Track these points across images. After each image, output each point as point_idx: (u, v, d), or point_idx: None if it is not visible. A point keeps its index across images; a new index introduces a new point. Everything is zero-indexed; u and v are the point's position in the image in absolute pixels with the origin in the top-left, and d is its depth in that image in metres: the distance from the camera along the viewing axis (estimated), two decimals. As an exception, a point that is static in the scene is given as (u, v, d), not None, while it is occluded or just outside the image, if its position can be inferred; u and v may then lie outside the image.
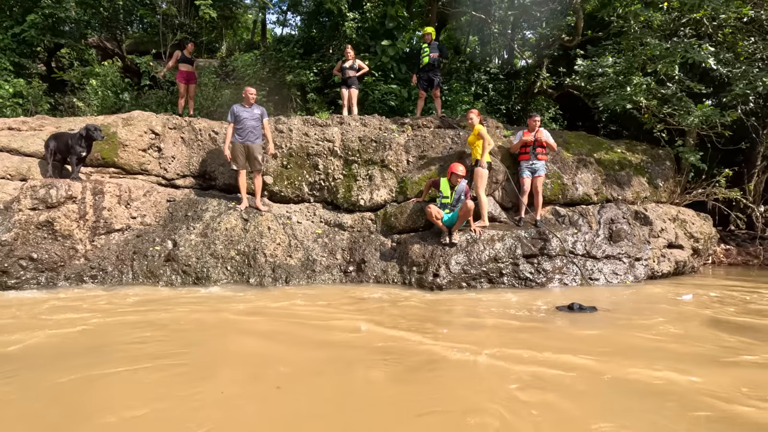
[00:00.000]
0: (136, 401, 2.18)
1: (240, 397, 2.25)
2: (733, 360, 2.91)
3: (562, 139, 7.66)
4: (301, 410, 2.12)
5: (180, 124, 6.87)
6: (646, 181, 7.40)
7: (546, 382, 2.46)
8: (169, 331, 3.43)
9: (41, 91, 8.96)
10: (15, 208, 5.26)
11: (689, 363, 2.79)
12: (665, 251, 6.65)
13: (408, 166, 6.71)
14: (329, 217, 6.44)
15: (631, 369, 2.67)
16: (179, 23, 11.11)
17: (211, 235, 5.76)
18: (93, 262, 5.43)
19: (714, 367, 2.75)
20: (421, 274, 5.60)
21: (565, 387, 2.40)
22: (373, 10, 9.89)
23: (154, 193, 6.23)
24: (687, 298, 4.97)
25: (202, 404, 2.16)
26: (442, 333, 3.47)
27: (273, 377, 2.51)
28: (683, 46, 7.00)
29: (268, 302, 4.52)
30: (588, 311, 4.23)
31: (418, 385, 2.44)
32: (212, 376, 2.53)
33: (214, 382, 2.43)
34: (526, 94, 11.58)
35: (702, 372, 2.64)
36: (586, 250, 6.10)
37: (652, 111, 7.68)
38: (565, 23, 10.39)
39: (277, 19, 16.61)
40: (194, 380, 2.45)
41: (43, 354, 2.85)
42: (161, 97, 9.54)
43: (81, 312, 3.95)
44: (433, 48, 7.52)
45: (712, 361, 2.86)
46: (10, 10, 9.43)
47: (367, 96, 9.33)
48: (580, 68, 8.02)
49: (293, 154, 6.67)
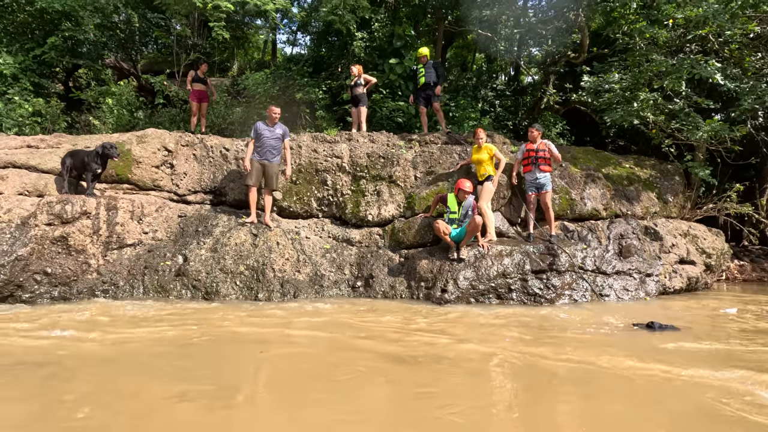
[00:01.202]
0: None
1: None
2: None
3: (570, 154, 7.68)
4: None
5: (192, 141, 7.02)
6: (655, 196, 7.36)
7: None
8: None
9: (59, 109, 9.23)
10: (31, 224, 5.39)
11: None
12: (677, 267, 6.56)
13: (416, 182, 6.76)
14: (337, 233, 6.48)
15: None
16: (192, 44, 11.44)
17: (220, 250, 5.82)
18: (105, 277, 5.51)
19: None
20: (429, 289, 5.58)
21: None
22: (380, 29, 10.12)
23: (166, 209, 6.33)
24: (731, 312, 4.85)
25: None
26: (569, 349, 3.43)
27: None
28: (689, 62, 7.04)
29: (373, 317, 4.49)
30: (669, 330, 4.09)
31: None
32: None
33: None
34: (533, 110, 11.66)
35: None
36: (595, 265, 6.05)
37: (660, 126, 7.68)
38: (570, 40, 10.52)
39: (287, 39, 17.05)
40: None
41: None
42: (174, 115, 9.77)
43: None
44: (429, 68, 7.67)
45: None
46: (32, 33, 9.80)
47: (375, 113, 9.47)
48: (587, 84, 8.08)
49: (302, 170, 6.77)
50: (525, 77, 14.06)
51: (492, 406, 2.38)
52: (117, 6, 10.20)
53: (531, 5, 12.60)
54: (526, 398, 2.53)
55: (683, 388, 2.65)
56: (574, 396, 2.58)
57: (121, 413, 2.23)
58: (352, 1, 8.77)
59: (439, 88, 7.85)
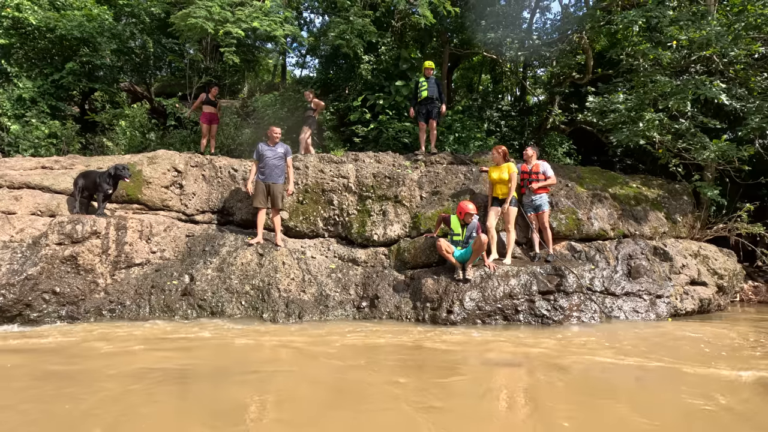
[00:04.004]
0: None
1: None
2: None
3: (576, 174, 7.67)
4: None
5: (201, 162, 7.15)
6: (663, 216, 7.28)
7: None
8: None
9: (74, 131, 9.49)
10: (42, 243, 5.48)
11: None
12: (688, 288, 6.44)
13: (421, 202, 6.78)
14: (343, 252, 6.48)
15: None
16: (205, 67, 11.77)
17: (227, 270, 5.85)
18: (112, 296, 5.55)
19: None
20: (434, 310, 5.53)
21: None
22: (387, 52, 10.34)
23: (174, 229, 6.41)
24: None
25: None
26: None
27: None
28: (694, 83, 7.07)
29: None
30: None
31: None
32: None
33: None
34: (538, 129, 11.72)
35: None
36: (604, 286, 5.96)
37: (667, 146, 7.66)
38: (575, 62, 10.64)
39: (296, 62, 17.44)
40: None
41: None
42: (185, 137, 9.99)
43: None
44: (431, 83, 7.68)
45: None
46: (51, 59, 10.17)
47: (382, 134, 9.59)
48: (592, 105, 8.13)
49: (309, 190, 6.84)
50: (531, 98, 14.19)
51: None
52: (133, 32, 10.58)
53: (535, 28, 12.83)
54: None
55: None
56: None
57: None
58: (359, 26, 9.00)
59: (444, 108, 7.91)
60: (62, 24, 9.44)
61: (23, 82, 9.30)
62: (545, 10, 14.45)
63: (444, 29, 11.24)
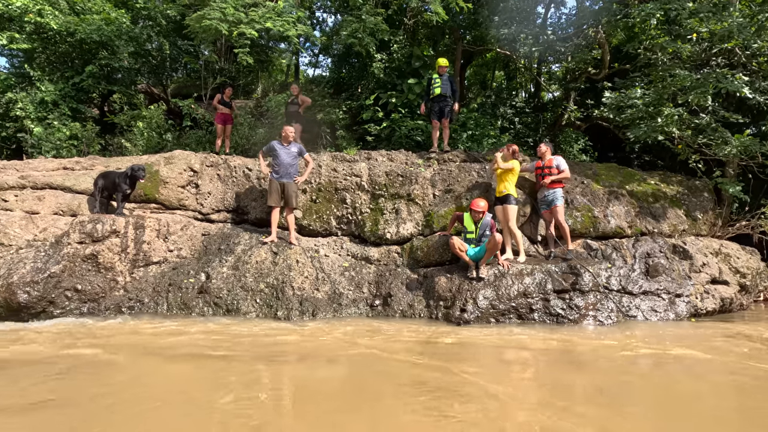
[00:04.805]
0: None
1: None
2: None
3: (592, 171, 7.55)
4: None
5: (217, 161, 7.26)
6: (683, 213, 7.12)
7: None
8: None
9: (94, 133, 9.72)
10: (64, 242, 5.63)
11: None
12: (708, 287, 6.28)
13: (434, 200, 6.76)
14: (356, 251, 6.51)
15: None
16: (219, 68, 11.92)
17: (242, 268, 5.93)
18: (131, 294, 5.68)
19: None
20: (448, 308, 5.51)
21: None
22: (399, 50, 10.31)
23: (191, 227, 6.52)
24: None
25: None
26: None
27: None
28: (715, 77, 6.88)
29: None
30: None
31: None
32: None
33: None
34: (553, 126, 11.55)
35: None
36: (621, 285, 5.85)
37: (686, 142, 7.48)
38: (591, 57, 10.44)
39: (309, 62, 17.53)
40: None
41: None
42: (200, 137, 10.14)
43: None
44: (445, 81, 7.63)
45: None
46: (71, 62, 10.43)
47: (394, 132, 9.57)
48: (609, 100, 7.97)
49: (322, 189, 6.87)
50: (545, 94, 13.99)
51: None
52: (150, 35, 10.78)
53: (550, 23, 12.63)
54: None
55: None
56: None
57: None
58: (371, 24, 8.99)
59: (457, 106, 7.86)
60: (82, 28, 9.67)
61: (45, 86, 9.57)
62: (560, 5, 14.26)
63: (456, 26, 11.15)
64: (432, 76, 7.85)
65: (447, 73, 7.77)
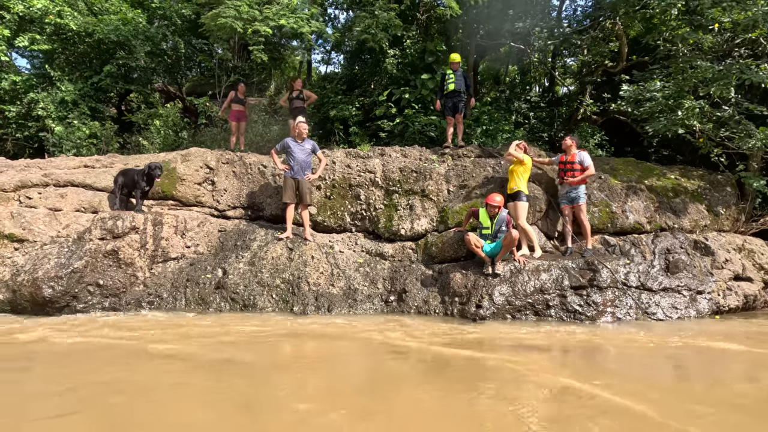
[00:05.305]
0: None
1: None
2: None
3: (609, 165, 7.42)
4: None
5: (232, 159, 7.33)
6: (704, 208, 6.96)
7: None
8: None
9: (112, 131, 9.91)
10: (86, 238, 5.76)
11: None
12: (731, 284, 6.13)
13: (449, 196, 6.73)
14: (370, 247, 6.52)
15: None
16: (233, 66, 12.02)
17: (258, 264, 5.99)
18: (150, 289, 5.78)
19: None
20: (463, 305, 5.49)
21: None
22: (412, 46, 10.25)
23: (207, 224, 6.61)
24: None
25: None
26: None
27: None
28: (738, 67, 6.68)
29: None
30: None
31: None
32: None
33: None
34: (569, 120, 11.37)
35: None
36: (640, 281, 5.75)
37: (708, 135, 7.29)
38: (608, 49, 10.23)
39: (321, 59, 17.57)
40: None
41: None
42: (215, 134, 10.26)
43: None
44: (458, 76, 7.58)
45: None
46: (90, 63, 10.64)
47: (408, 128, 9.54)
48: (626, 93, 7.81)
49: (336, 185, 6.90)
50: (560, 88, 13.78)
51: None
52: (165, 34, 10.92)
53: (565, 15, 12.43)
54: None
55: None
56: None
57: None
58: (384, 20, 8.96)
59: (473, 101, 7.80)
60: (100, 28, 9.85)
61: (65, 86, 9.77)
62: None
63: (470, 20, 11.04)
64: (445, 72, 7.80)
65: (460, 69, 7.72)
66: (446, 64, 8.88)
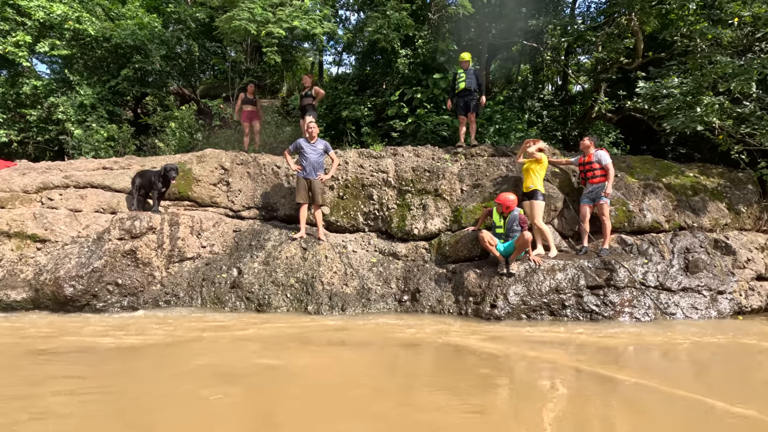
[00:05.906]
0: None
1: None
2: None
3: (626, 164, 7.31)
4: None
5: (246, 159, 7.41)
6: (725, 206, 6.80)
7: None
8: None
9: (129, 134, 10.10)
10: (105, 238, 5.88)
11: None
12: (753, 284, 5.99)
13: (462, 195, 6.70)
14: (384, 246, 6.52)
15: None
16: (246, 68, 12.16)
17: (272, 264, 6.04)
18: (167, 288, 5.87)
19: None
20: (477, 304, 5.46)
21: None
22: (424, 45, 10.23)
23: (222, 224, 6.69)
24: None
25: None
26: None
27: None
28: (760, 62, 6.52)
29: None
30: None
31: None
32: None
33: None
34: (583, 119, 11.22)
35: None
36: (658, 281, 5.65)
37: (728, 132, 7.13)
38: (623, 46, 10.08)
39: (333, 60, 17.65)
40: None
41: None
42: (229, 136, 10.38)
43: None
44: (470, 75, 7.56)
45: None
46: (107, 67, 10.86)
47: (420, 128, 9.52)
48: (643, 91, 7.68)
49: (349, 186, 6.92)
50: (573, 86, 13.61)
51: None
52: (180, 38, 11.10)
53: (579, 12, 12.27)
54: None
55: None
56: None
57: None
58: (396, 20, 8.96)
59: (484, 99, 7.76)
60: (117, 33, 10.04)
61: (84, 90, 9.99)
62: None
63: (482, 19, 10.98)
64: (457, 71, 7.78)
65: (472, 67, 7.69)
66: (458, 63, 8.86)
